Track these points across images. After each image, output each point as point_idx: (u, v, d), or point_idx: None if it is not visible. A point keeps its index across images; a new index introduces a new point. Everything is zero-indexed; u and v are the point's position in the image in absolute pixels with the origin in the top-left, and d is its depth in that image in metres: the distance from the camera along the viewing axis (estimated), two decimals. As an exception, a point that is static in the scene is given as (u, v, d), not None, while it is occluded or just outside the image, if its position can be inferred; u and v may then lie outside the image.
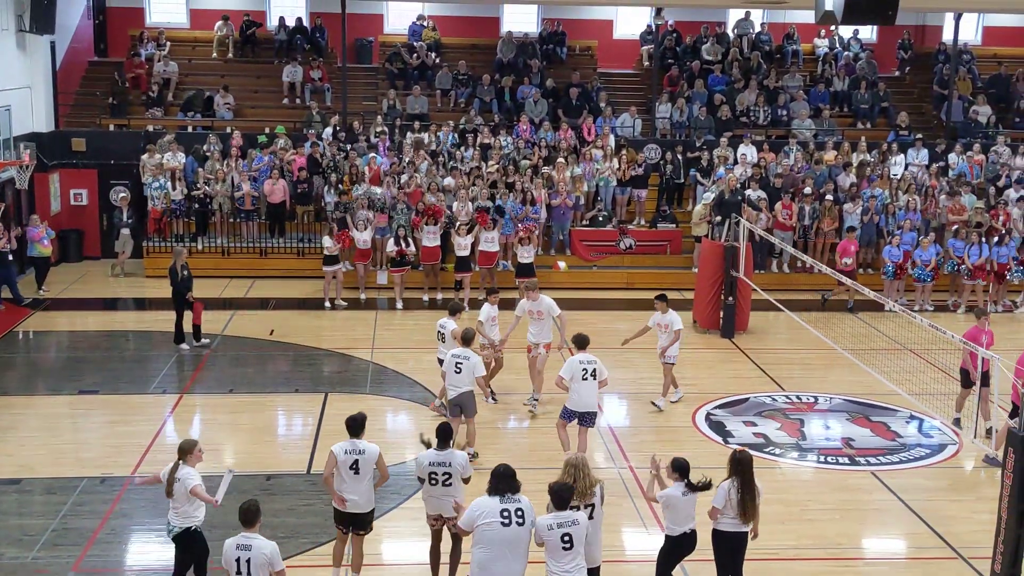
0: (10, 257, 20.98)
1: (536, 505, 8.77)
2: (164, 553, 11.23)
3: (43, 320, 20.47)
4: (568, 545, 8.51)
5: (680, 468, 9.54)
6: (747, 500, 9.44)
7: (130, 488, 12.60)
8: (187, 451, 9.68)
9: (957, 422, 14.36)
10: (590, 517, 8.90)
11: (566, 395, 13.19)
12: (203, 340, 18.50)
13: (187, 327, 18.51)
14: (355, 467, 9.87)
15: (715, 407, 16.01)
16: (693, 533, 9.59)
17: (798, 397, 16.61)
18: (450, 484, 9.87)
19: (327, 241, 21.32)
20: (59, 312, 21.09)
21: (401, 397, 16.10)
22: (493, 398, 15.77)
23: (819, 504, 12.70)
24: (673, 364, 15.75)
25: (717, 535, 9.61)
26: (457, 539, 10.11)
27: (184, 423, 15.33)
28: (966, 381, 14.55)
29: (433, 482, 9.91)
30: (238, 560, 8.45)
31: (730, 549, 9.62)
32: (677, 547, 9.63)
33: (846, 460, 14.09)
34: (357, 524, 10.10)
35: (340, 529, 10.19)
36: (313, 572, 10.71)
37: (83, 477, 12.89)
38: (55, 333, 20.00)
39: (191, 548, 9.70)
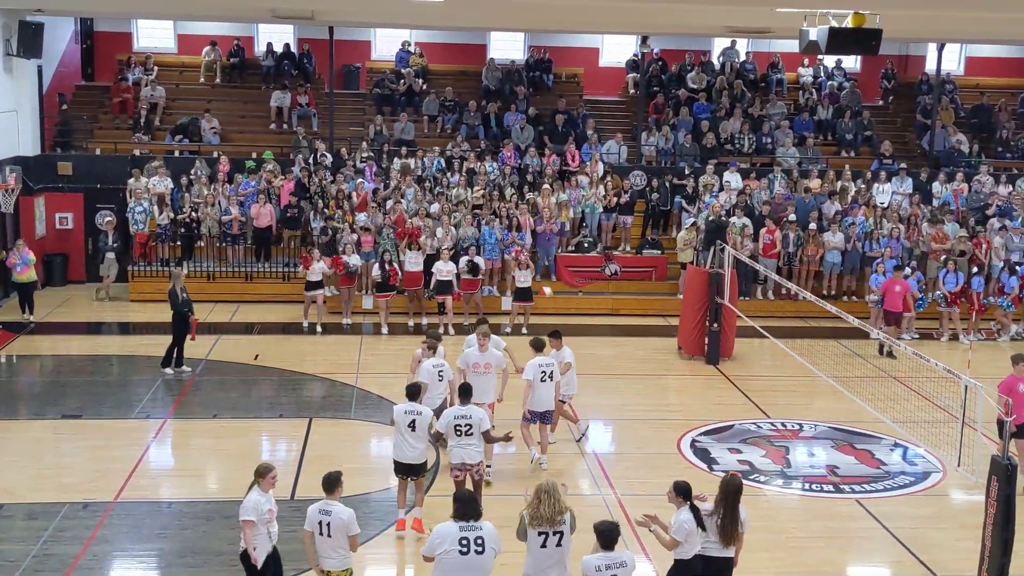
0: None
1: (506, 531, 8.76)
2: (146, 579, 11.22)
3: (27, 344, 20.38)
4: None
5: (684, 491, 9.58)
6: (728, 525, 9.47)
7: (112, 514, 12.52)
8: (261, 475, 9.71)
9: None
10: (558, 544, 8.83)
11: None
12: (184, 368, 18.43)
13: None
14: (412, 425, 11.82)
15: (700, 434, 16.02)
16: (701, 554, 9.59)
17: (783, 424, 16.64)
18: (471, 434, 11.86)
19: (314, 267, 21.26)
20: (43, 336, 21.00)
21: (386, 423, 15.96)
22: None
23: (804, 532, 12.71)
24: (565, 402, 15.01)
25: (705, 560, 9.59)
26: (478, 487, 11.96)
27: (168, 448, 15.28)
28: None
29: (458, 433, 11.86)
30: (320, 523, 9.42)
31: (716, 572, 9.61)
32: (687, 569, 9.59)
33: (831, 488, 14.10)
34: (414, 472, 12.05)
35: (400, 478, 12.14)
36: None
37: (65, 502, 12.79)
38: (39, 357, 19.91)
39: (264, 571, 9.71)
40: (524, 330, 21.66)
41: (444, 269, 21.59)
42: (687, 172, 26.07)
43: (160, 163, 25.05)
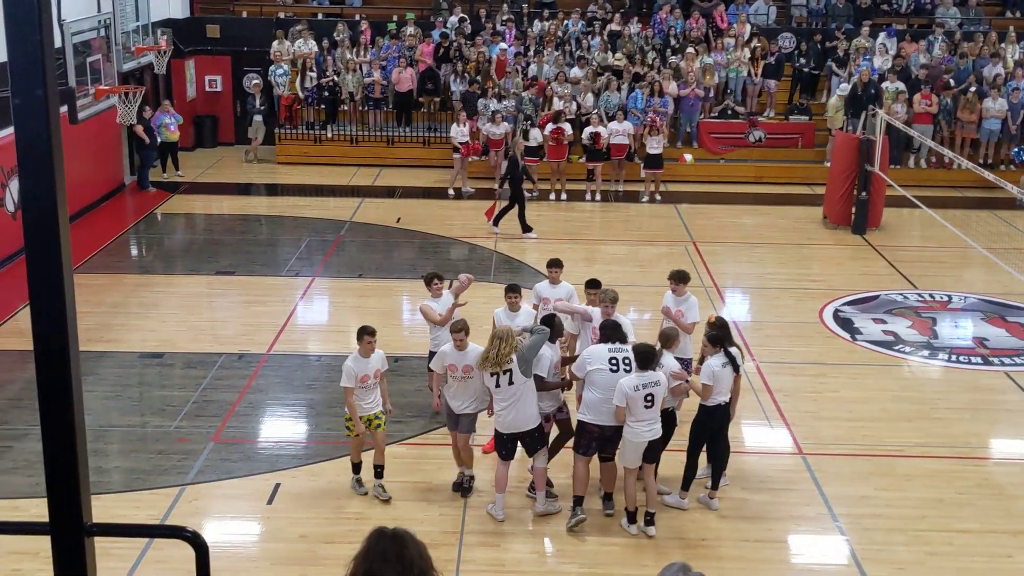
0: (146, 140, 21.69)
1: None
2: (298, 427, 11.76)
3: (180, 203, 21.17)
4: (650, 404, 9.13)
5: (715, 340, 9.63)
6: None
7: (265, 365, 13.10)
8: (672, 339, 9.89)
9: None
10: (510, 383, 9.26)
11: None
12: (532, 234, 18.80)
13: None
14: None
15: (843, 304, 15.72)
16: (727, 405, 9.70)
17: (931, 295, 16.19)
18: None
19: (454, 130, 21.33)
20: (195, 196, 21.76)
21: (526, 286, 16.13)
22: None
23: (948, 403, 12.45)
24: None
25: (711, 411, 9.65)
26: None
27: (315, 305, 15.83)
28: None
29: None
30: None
31: (721, 424, 9.75)
32: (710, 417, 9.65)
33: (979, 360, 13.74)
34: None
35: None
36: (441, 450, 11.01)
37: (221, 353, 13.42)
38: (192, 216, 20.71)
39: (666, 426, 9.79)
40: (658, 197, 21.46)
41: (599, 133, 21.31)
42: (838, 34, 24.97)
43: (303, 26, 25.26)
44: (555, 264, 11.85)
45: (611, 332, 9.62)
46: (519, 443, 9.62)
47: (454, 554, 9.11)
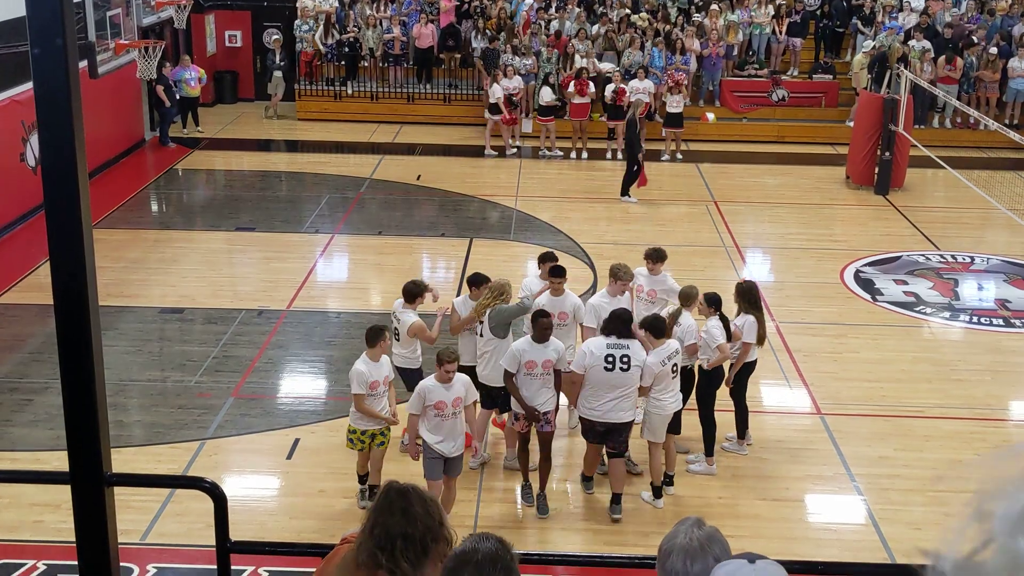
0: (167, 103, 21.56)
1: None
2: (317, 383, 11.82)
3: (200, 159, 21.17)
4: (675, 374, 9.12)
5: (715, 303, 9.64)
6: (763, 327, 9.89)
7: (285, 321, 13.15)
8: (693, 297, 9.78)
9: None
10: (481, 335, 9.48)
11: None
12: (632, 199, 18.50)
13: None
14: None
15: (865, 264, 15.62)
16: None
17: (953, 257, 16.07)
18: None
19: (495, 89, 21.13)
20: (215, 152, 21.75)
21: (545, 245, 16.12)
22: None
23: (969, 365, 12.38)
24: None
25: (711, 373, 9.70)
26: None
27: (335, 262, 15.85)
28: None
29: None
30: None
31: (748, 378, 9.98)
32: (711, 379, 9.70)
33: (1001, 322, 13.66)
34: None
35: None
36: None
37: (241, 309, 13.47)
38: (212, 172, 20.72)
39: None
40: (679, 155, 21.32)
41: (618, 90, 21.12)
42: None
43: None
44: (548, 259, 10.47)
45: (612, 325, 8.82)
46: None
47: (472, 511, 9.17)
